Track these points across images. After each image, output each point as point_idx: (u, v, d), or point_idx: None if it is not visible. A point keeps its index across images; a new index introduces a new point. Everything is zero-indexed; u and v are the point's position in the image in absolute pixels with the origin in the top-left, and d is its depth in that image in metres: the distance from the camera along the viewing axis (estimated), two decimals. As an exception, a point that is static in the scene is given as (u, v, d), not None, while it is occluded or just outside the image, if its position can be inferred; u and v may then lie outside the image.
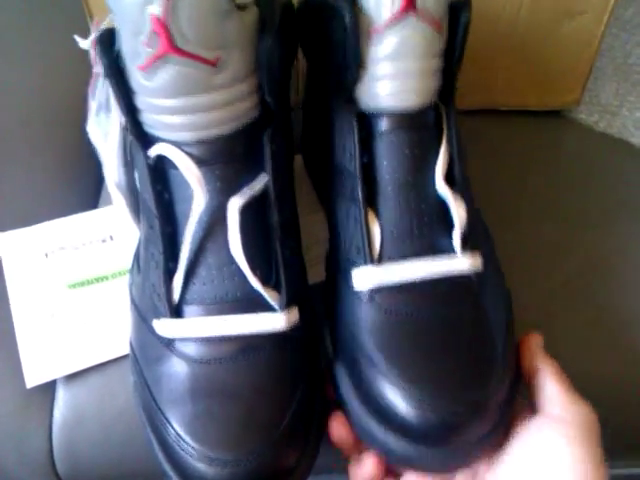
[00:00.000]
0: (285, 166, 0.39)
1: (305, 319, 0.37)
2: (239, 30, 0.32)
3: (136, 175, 0.39)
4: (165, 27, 0.29)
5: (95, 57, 0.39)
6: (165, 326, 0.36)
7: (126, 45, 0.31)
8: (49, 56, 0.39)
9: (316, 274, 0.43)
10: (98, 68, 0.39)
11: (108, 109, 0.41)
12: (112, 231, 0.49)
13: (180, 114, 0.33)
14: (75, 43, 0.39)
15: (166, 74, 0.31)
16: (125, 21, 0.30)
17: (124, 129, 0.41)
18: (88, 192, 0.47)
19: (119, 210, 0.43)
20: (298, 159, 0.51)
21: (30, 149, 0.54)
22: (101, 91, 0.40)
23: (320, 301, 0.41)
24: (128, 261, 0.43)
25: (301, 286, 0.39)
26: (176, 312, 0.36)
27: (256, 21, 0.33)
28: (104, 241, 0.49)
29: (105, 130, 0.41)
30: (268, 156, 0.35)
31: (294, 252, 0.39)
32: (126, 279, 0.43)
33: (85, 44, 0.38)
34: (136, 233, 0.44)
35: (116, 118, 0.40)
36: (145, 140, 0.35)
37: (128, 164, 0.42)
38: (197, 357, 0.35)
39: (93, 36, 0.36)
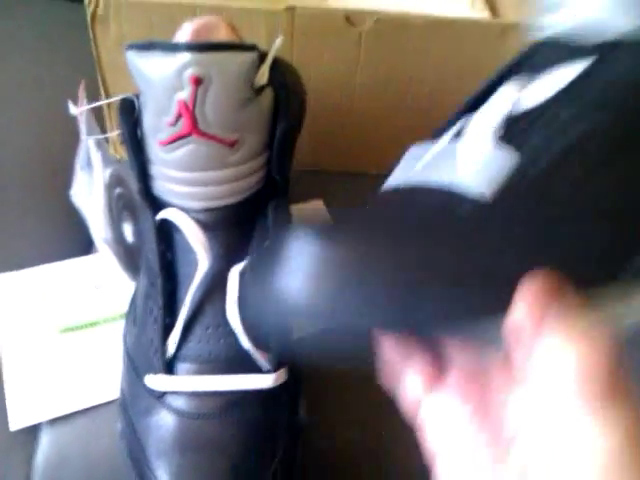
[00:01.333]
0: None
1: (291, 377, 0.39)
2: (257, 114, 0.35)
3: (125, 229, 0.41)
4: (190, 111, 0.32)
5: (82, 124, 0.41)
6: (158, 381, 0.37)
7: (149, 120, 0.34)
8: (51, 109, 0.41)
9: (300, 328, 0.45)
10: (83, 135, 0.41)
11: (90, 168, 0.43)
12: (105, 277, 0.51)
13: (192, 186, 0.35)
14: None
15: (184, 151, 0.34)
16: (152, 101, 0.33)
17: (108, 187, 0.43)
18: (82, 238, 0.49)
19: (109, 263, 0.45)
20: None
21: (26, 194, 0.56)
22: (83, 152, 0.42)
23: (303, 355, 0.43)
24: (120, 307, 0.45)
25: (289, 345, 0.41)
26: (169, 368, 0.37)
27: (272, 102, 0.36)
28: (97, 287, 0.50)
29: (88, 190, 0.43)
30: (271, 226, 0.38)
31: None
32: (117, 325, 0.44)
33: (74, 110, 0.40)
34: (129, 282, 0.46)
35: (99, 177, 0.42)
36: (153, 203, 0.38)
37: (115, 220, 0.44)
38: (186, 411, 0.37)
39: (82, 107, 0.39)
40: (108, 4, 0.44)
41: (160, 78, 0.32)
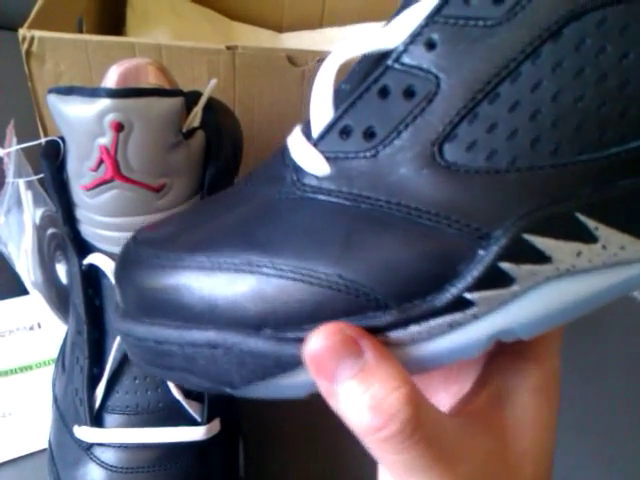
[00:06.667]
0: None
1: (226, 428, 0.38)
2: (185, 158, 0.34)
3: (59, 270, 0.40)
4: (112, 157, 0.31)
5: (7, 164, 0.40)
6: (85, 432, 0.36)
7: (72, 165, 0.33)
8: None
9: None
10: (9, 177, 0.40)
11: (19, 209, 0.41)
12: (40, 318, 0.49)
13: (119, 231, 0.34)
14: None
15: (108, 196, 0.33)
16: (74, 145, 0.32)
17: (40, 228, 0.42)
18: (16, 278, 0.47)
19: (41, 305, 0.44)
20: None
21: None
22: (11, 194, 0.41)
23: (242, 407, 0.42)
24: (54, 350, 0.43)
25: (224, 396, 0.40)
26: (97, 419, 0.36)
27: (203, 145, 0.35)
28: (31, 329, 0.49)
29: (17, 231, 0.42)
30: None
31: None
32: (51, 370, 0.43)
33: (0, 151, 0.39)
34: (62, 324, 0.44)
35: (29, 219, 0.41)
36: (81, 246, 0.36)
37: (45, 262, 0.42)
38: (115, 465, 0.35)
39: (8, 149, 0.38)
40: (43, 41, 0.43)
41: (81, 123, 0.31)
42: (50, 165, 0.34)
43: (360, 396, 0.20)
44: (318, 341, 0.20)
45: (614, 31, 0.19)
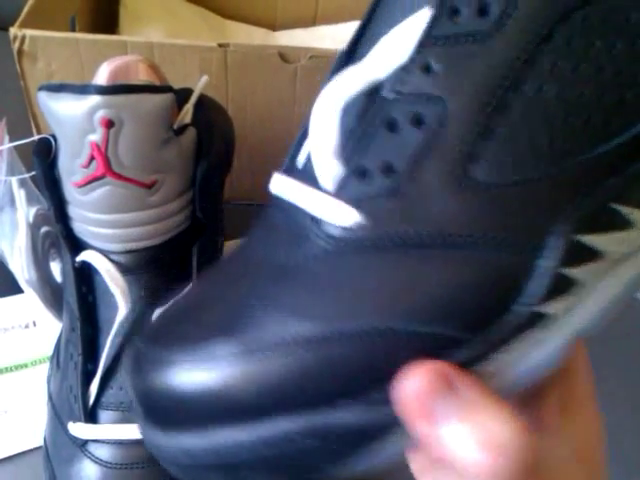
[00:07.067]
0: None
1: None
2: (176, 155, 0.34)
3: (53, 268, 0.40)
4: (103, 154, 0.31)
5: (1, 163, 0.40)
6: (79, 429, 0.36)
7: (63, 162, 0.33)
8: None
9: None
10: (1, 175, 0.40)
11: (12, 208, 0.42)
12: (35, 316, 0.49)
13: (111, 228, 0.34)
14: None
15: (100, 193, 0.33)
16: (65, 142, 0.32)
17: (33, 226, 0.42)
18: (11, 276, 0.48)
19: (36, 303, 0.44)
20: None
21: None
22: (4, 193, 0.41)
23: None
24: (49, 348, 0.43)
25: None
26: (91, 416, 0.36)
27: (194, 142, 0.35)
28: (27, 327, 0.49)
29: (10, 229, 0.42)
30: (195, 267, 0.37)
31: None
32: (46, 367, 0.43)
33: None
34: (57, 322, 0.44)
35: (23, 217, 0.41)
36: (74, 244, 0.36)
37: (39, 260, 0.43)
38: (109, 461, 0.35)
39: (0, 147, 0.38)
40: (35, 40, 0.43)
41: (71, 120, 0.31)
42: (42, 162, 0.34)
43: (470, 434, 0.18)
44: (410, 384, 0.19)
45: (597, 26, 0.20)
